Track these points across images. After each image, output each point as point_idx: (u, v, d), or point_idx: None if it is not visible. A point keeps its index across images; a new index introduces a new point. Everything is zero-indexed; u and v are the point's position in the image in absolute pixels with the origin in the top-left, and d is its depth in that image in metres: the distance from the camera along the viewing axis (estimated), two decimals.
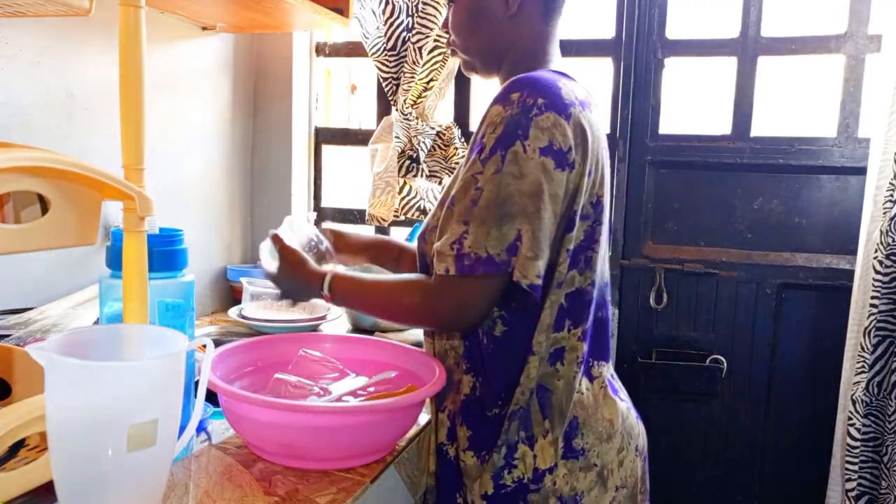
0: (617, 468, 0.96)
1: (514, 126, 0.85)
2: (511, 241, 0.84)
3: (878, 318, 1.46)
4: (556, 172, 0.86)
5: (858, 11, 1.62)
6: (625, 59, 1.76)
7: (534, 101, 0.86)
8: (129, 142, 0.72)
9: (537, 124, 0.85)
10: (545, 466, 0.91)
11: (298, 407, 0.83)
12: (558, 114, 0.86)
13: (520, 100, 0.86)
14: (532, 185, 0.85)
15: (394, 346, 1.08)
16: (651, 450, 1.09)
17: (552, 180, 0.85)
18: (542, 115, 0.85)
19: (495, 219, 0.84)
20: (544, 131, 0.85)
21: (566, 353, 0.93)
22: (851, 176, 1.66)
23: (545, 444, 0.92)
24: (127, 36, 0.71)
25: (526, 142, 0.85)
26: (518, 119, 0.86)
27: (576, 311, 0.93)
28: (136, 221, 0.71)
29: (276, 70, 1.86)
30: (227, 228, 1.80)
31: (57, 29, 1.24)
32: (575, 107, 0.89)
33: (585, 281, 0.93)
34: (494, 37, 1.00)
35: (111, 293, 0.81)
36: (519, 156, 0.85)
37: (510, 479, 0.92)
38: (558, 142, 0.86)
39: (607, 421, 0.96)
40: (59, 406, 0.60)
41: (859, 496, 1.51)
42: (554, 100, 0.87)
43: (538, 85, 0.88)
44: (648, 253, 1.81)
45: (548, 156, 0.85)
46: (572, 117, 0.88)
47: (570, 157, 0.87)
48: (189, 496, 0.76)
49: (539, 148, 0.85)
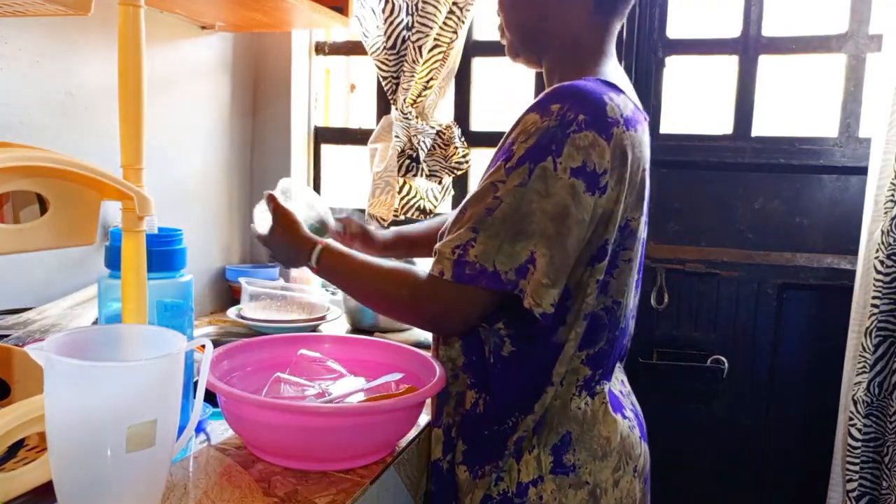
0: (612, 488, 0.92)
1: (549, 140, 0.80)
2: (522, 262, 0.79)
3: (880, 319, 1.46)
4: (585, 196, 0.80)
5: (859, 11, 1.62)
6: (625, 58, 1.76)
7: (574, 117, 0.80)
8: (128, 141, 0.72)
9: (574, 142, 0.79)
10: (528, 479, 0.89)
11: (298, 407, 0.83)
12: (598, 133, 0.81)
13: (559, 112, 0.81)
14: (557, 206, 0.79)
15: (394, 346, 1.08)
16: (651, 450, 1.09)
17: (580, 204, 0.80)
18: (581, 132, 0.80)
19: (510, 234, 0.80)
20: (580, 150, 0.80)
21: (568, 374, 0.90)
22: (852, 176, 1.66)
23: (530, 458, 0.90)
24: (126, 35, 0.71)
25: (559, 159, 0.79)
26: (554, 133, 0.80)
27: (587, 335, 0.90)
28: (134, 221, 0.71)
29: (276, 69, 1.86)
30: (225, 228, 1.80)
31: (56, 29, 1.24)
32: (619, 126, 0.83)
33: (599, 305, 0.90)
34: (537, 16, 0.94)
35: (110, 293, 0.81)
36: (548, 172, 0.79)
37: (496, 491, 0.91)
38: (593, 163, 0.80)
39: (604, 438, 0.92)
40: (58, 406, 0.60)
41: (860, 497, 1.50)
42: (597, 117, 0.81)
43: (582, 98, 0.82)
44: (649, 253, 1.81)
45: (579, 177, 0.80)
46: (614, 138, 0.82)
47: (603, 180, 0.81)
48: (188, 497, 0.76)
49: (571, 168, 0.79)
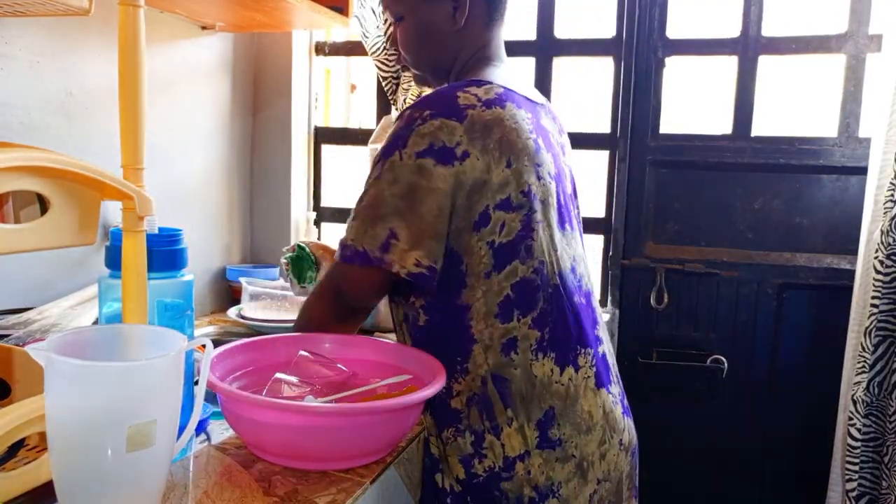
0: (598, 461, 0.96)
1: (396, 138, 0.93)
2: (384, 240, 0.91)
3: (879, 318, 1.46)
4: (436, 169, 0.90)
5: (859, 11, 1.62)
6: (625, 58, 1.76)
7: (420, 114, 0.92)
8: (129, 141, 0.72)
9: (418, 132, 0.91)
10: (514, 454, 0.92)
11: (298, 407, 0.83)
12: (447, 118, 0.92)
13: (409, 115, 0.94)
14: (404, 187, 0.91)
15: (394, 346, 1.08)
16: (651, 450, 1.09)
17: (431, 176, 0.90)
18: (426, 123, 0.91)
19: (371, 219, 0.93)
20: (424, 136, 0.91)
21: (519, 341, 0.94)
22: (852, 176, 1.66)
23: (511, 431, 0.93)
24: (126, 35, 0.71)
25: (403, 150, 0.91)
26: (401, 132, 0.93)
27: (524, 299, 0.95)
28: (135, 221, 0.71)
29: (276, 69, 1.86)
30: (226, 228, 1.80)
31: (57, 29, 1.24)
32: (474, 108, 0.93)
33: (529, 269, 0.95)
34: (443, 51, 1.06)
35: (110, 293, 0.81)
36: (395, 164, 0.92)
37: (481, 468, 0.93)
38: (441, 141, 0.91)
39: (586, 412, 0.96)
40: (58, 406, 0.60)
41: (860, 496, 1.51)
42: (443, 108, 0.93)
43: (430, 100, 0.94)
44: (649, 253, 1.81)
45: (426, 156, 0.91)
46: (468, 117, 0.92)
47: (458, 150, 0.91)
48: (188, 496, 0.76)
49: (416, 152, 0.91)
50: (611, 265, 1.82)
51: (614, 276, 1.81)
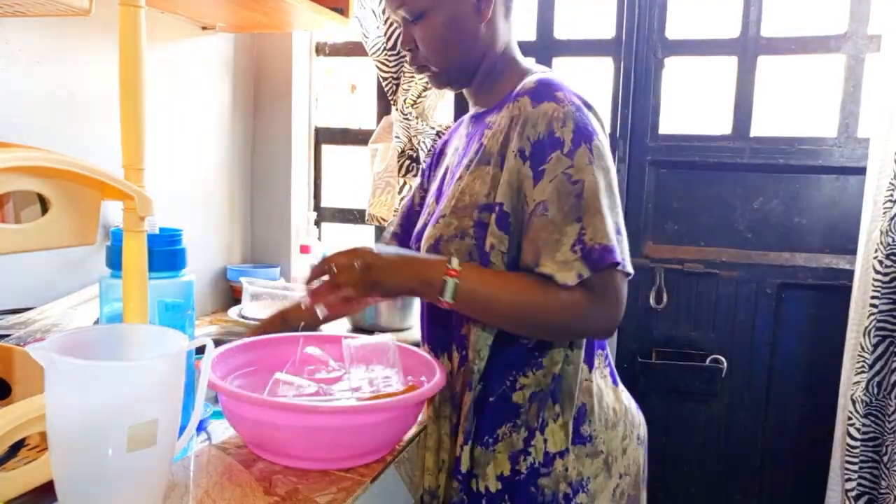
0: (621, 456, 0.98)
1: (584, 122, 0.88)
2: (616, 233, 0.86)
3: (878, 318, 1.46)
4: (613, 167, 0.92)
5: (858, 11, 1.62)
6: (625, 58, 1.76)
7: (579, 102, 0.91)
8: (129, 141, 0.72)
9: (592, 121, 0.90)
10: (556, 450, 0.93)
11: (299, 407, 0.83)
12: (590, 111, 0.92)
13: (566, 98, 0.89)
14: (614, 179, 0.90)
15: (396, 346, 1.08)
16: (651, 449, 1.09)
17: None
18: (587, 113, 0.91)
19: (608, 208, 0.86)
20: (598, 127, 0.91)
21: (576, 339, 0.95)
22: (851, 176, 1.66)
23: (555, 427, 0.93)
24: (127, 36, 0.71)
25: (599, 137, 0.89)
26: (580, 115, 0.88)
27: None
28: (136, 221, 0.72)
29: (276, 70, 1.86)
30: (226, 228, 1.80)
31: (57, 29, 1.24)
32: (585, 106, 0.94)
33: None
34: (472, 45, 0.98)
35: (111, 293, 0.81)
36: (602, 150, 0.88)
37: (525, 465, 0.93)
38: (601, 141, 0.91)
39: (612, 408, 0.98)
40: (59, 406, 0.60)
41: (859, 496, 1.51)
42: (579, 100, 0.92)
43: (561, 85, 0.92)
44: (648, 253, 1.81)
45: (607, 148, 0.91)
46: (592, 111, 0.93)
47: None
48: (189, 496, 0.76)
49: (606, 144, 0.91)
50: None
51: None
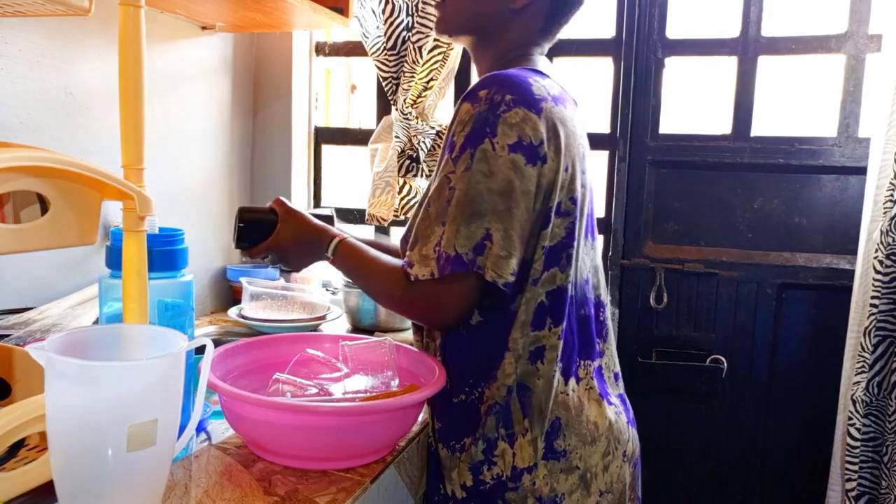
0: (601, 472, 0.94)
1: (483, 123, 0.85)
2: (478, 240, 0.84)
3: (879, 318, 1.46)
4: (527, 168, 0.85)
5: (859, 11, 1.62)
6: (625, 58, 1.76)
7: (501, 98, 0.86)
8: (129, 141, 0.72)
9: (505, 121, 0.85)
10: (523, 465, 0.91)
11: (298, 407, 0.83)
12: (528, 108, 0.86)
13: (487, 97, 0.86)
14: (502, 182, 0.84)
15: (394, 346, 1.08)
16: (651, 450, 1.09)
17: (523, 176, 0.85)
18: (511, 111, 0.85)
19: (465, 217, 0.84)
20: (513, 127, 0.85)
21: (546, 351, 0.92)
22: (852, 176, 1.66)
23: (524, 442, 0.91)
24: (126, 35, 0.71)
25: (494, 139, 0.84)
26: (486, 116, 0.85)
27: (557, 308, 0.92)
28: (135, 221, 0.71)
29: (276, 69, 1.86)
30: (226, 228, 1.80)
31: (57, 29, 1.24)
32: (546, 101, 0.89)
33: (566, 279, 0.93)
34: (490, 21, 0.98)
35: (111, 293, 0.81)
36: (488, 154, 0.84)
37: (489, 475, 0.92)
38: (528, 137, 0.85)
39: (592, 423, 0.94)
40: (58, 406, 0.60)
41: (859, 496, 1.51)
42: (523, 95, 0.87)
43: (506, 82, 0.87)
44: (649, 253, 1.81)
45: (517, 152, 0.85)
46: (543, 112, 0.87)
47: (542, 150, 0.86)
48: (189, 496, 0.76)
49: (508, 145, 0.84)
50: (610, 265, 1.82)
51: (614, 276, 1.81)
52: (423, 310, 0.91)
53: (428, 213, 0.89)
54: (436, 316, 0.91)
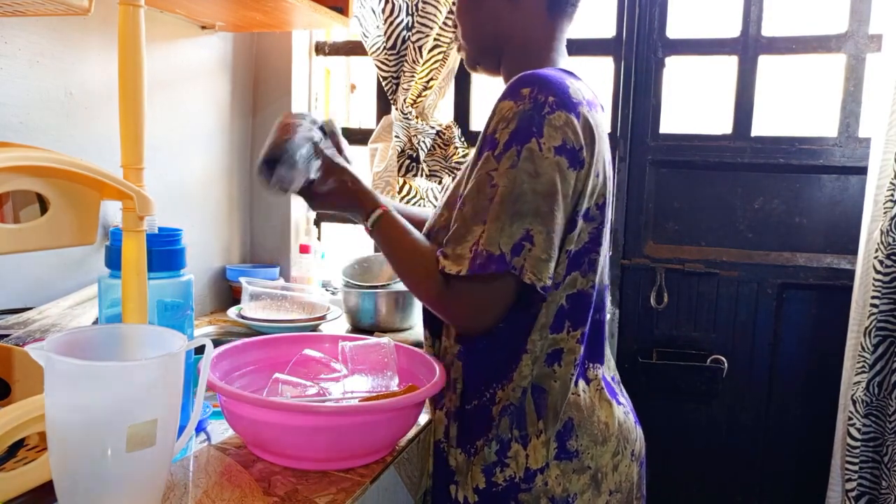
0: (611, 472, 0.95)
1: (528, 122, 0.84)
2: (517, 241, 0.82)
3: (879, 318, 1.46)
4: (569, 172, 0.85)
5: (859, 11, 1.62)
6: (625, 58, 1.76)
7: (545, 99, 0.84)
8: (129, 141, 0.72)
9: (550, 122, 0.84)
10: (537, 466, 0.91)
11: (298, 407, 0.83)
12: (569, 112, 0.85)
13: (531, 96, 0.85)
14: (547, 184, 0.83)
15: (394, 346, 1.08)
16: (651, 450, 1.09)
17: (566, 180, 0.85)
18: (554, 112, 0.84)
19: (508, 216, 0.83)
20: (557, 129, 0.84)
21: (564, 354, 0.92)
22: (852, 175, 1.66)
23: (538, 444, 0.91)
24: (126, 35, 0.71)
25: (541, 140, 0.83)
26: (531, 115, 0.84)
27: (576, 313, 0.92)
28: (135, 221, 0.71)
29: (276, 69, 1.86)
30: (226, 228, 1.80)
31: (56, 28, 1.24)
32: (583, 106, 0.88)
33: (587, 283, 0.93)
34: (492, 23, 0.98)
35: (110, 293, 0.81)
36: (535, 154, 0.83)
37: (502, 477, 0.92)
38: (571, 141, 0.85)
39: (603, 423, 0.94)
40: (58, 406, 0.60)
41: (859, 496, 1.51)
42: (564, 98, 0.86)
43: (547, 82, 0.86)
44: (649, 253, 1.81)
45: (562, 155, 0.84)
46: (581, 116, 0.87)
47: (582, 155, 0.86)
48: (188, 496, 0.76)
49: (554, 147, 0.84)
50: (611, 265, 1.82)
51: (614, 276, 1.81)
52: (459, 310, 0.88)
53: (463, 213, 0.86)
54: (473, 318, 0.88)
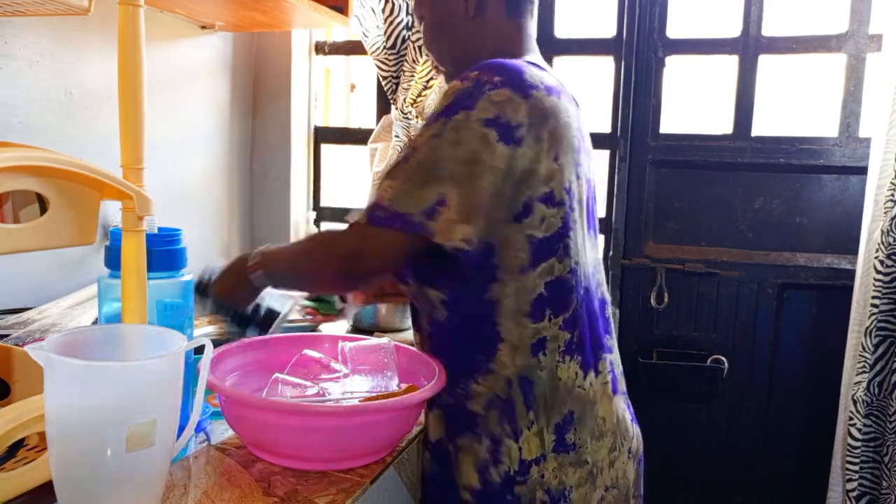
0: (607, 467, 0.95)
1: (463, 97, 0.86)
2: (431, 204, 0.83)
3: (879, 318, 1.46)
4: (498, 145, 0.84)
5: (859, 11, 1.62)
6: (626, 57, 1.76)
7: (490, 78, 0.86)
8: (128, 141, 0.72)
9: (489, 97, 0.85)
10: (531, 457, 0.91)
11: (298, 407, 0.83)
12: (514, 91, 0.86)
13: (476, 77, 0.87)
14: (468, 152, 0.84)
15: (394, 346, 1.08)
16: (651, 450, 1.09)
17: (493, 152, 0.84)
18: (497, 89, 0.85)
19: (420, 180, 0.84)
20: (494, 104, 0.85)
21: (548, 342, 0.91)
22: (852, 175, 1.66)
23: (530, 435, 0.91)
24: (126, 35, 0.71)
25: (471, 112, 0.84)
26: (470, 91, 0.85)
27: (557, 299, 0.92)
28: (134, 221, 0.71)
29: (276, 69, 1.86)
30: (225, 228, 1.80)
31: (56, 28, 1.24)
32: (538, 90, 0.89)
33: (565, 269, 0.92)
34: (461, 40, 1.01)
35: (110, 293, 0.81)
36: (460, 123, 0.84)
37: (497, 475, 0.91)
38: (507, 116, 0.85)
39: (601, 418, 0.95)
40: (58, 406, 0.60)
41: (860, 496, 1.50)
42: (514, 79, 0.87)
43: (499, 66, 0.88)
44: (649, 253, 1.81)
45: (491, 127, 0.84)
46: (532, 97, 0.87)
47: (518, 133, 0.85)
48: (188, 496, 0.76)
49: (483, 118, 0.84)
50: (611, 265, 1.82)
51: (614, 276, 1.81)
52: (344, 250, 0.90)
53: (386, 169, 0.91)
54: (356, 256, 0.89)
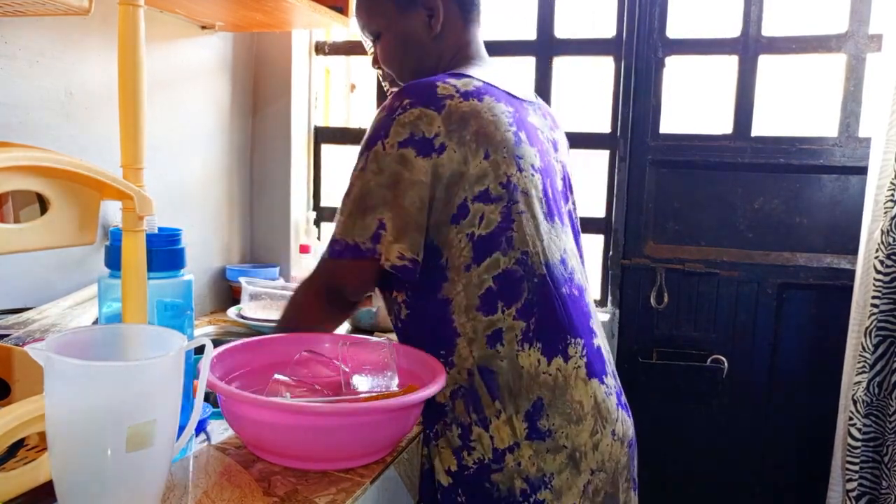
0: (591, 451, 0.95)
1: (378, 128, 0.95)
2: (374, 231, 0.93)
3: (879, 318, 1.46)
4: (417, 160, 0.92)
5: (859, 11, 1.62)
6: (625, 57, 1.76)
7: (400, 103, 0.94)
8: (128, 141, 0.72)
9: (399, 122, 0.93)
10: (504, 446, 0.92)
11: (298, 407, 0.83)
12: (426, 107, 0.93)
13: (390, 104, 0.95)
14: (390, 177, 0.93)
15: (393, 346, 1.08)
16: (651, 450, 1.09)
17: (413, 168, 0.92)
18: (406, 111, 0.93)
19: (360, 211, 0.94)
20: (405, 126, 0.92)
21: (504, 333, 0.94)
22: (852, 175, 1.66)
23: (499, 423, 0.93)
24: (126, 35, 0.71)
25: (386, 140, 0.93)
26: (384, 121, 0.94)
27: (507, 291, 0.95)
28: (134, 221, 0.71)
29: (276, 69, 1.86)
30: (226, 228, 1.80)
31: (56, 28, 1.24)
32: (452, 99, 0.94)
33: (510, 261, 0.95)
34: (424, 58, 1.08)
35: (110, 293, 0.81)
36: (378, 154, 0.94)
37: (471, 460, 0.93)
38: (421, 131, 0.92)
39: (577, 402, 0.95)
40: (58, 406, 0.60)
41: (860, 496, 1.50)
42: (421, 97, 0.94)
43: (411, 88, 0.96)
44: (649, 253, 1.81)
45: (408, 146, 0.92)
46: (447, 108, 0.93)
47: (437, 142, 0.92)
48: (188, 496, 0.76)
49: (398, 142, 0.92)
50: (611, 265, 1.82)
51: (614, 276, 1.81)
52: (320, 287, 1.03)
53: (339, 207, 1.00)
54: (330, 290, 1.02)
